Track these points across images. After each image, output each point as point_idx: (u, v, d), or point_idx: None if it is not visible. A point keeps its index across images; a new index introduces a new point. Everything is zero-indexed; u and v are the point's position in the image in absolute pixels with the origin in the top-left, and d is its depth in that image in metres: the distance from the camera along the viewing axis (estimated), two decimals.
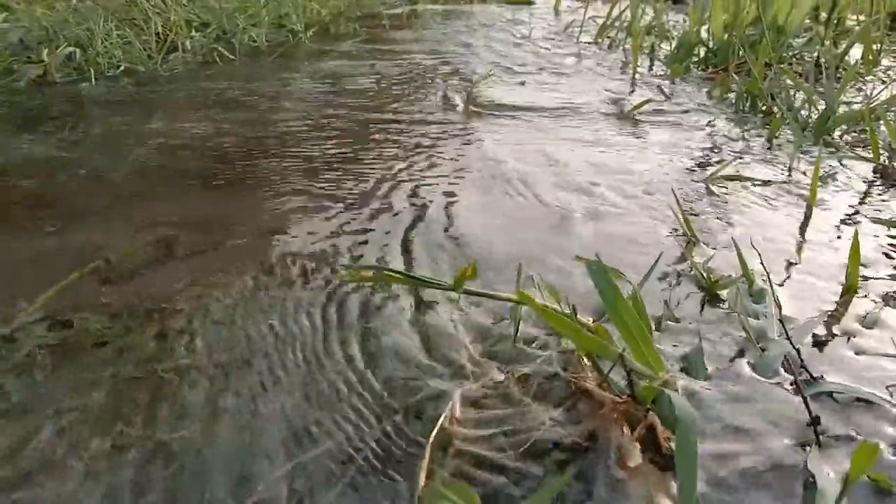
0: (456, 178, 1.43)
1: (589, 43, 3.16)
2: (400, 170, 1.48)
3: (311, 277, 1.02)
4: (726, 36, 2.69)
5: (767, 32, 2.32)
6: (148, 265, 1.06)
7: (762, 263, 0.92)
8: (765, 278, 0.97)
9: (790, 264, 1.07)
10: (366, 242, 1.14)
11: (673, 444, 0.64)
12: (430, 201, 1.31)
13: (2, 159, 1.52)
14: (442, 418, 0.69)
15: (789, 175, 1.47)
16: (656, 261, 0.98)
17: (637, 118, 1.92)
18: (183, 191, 1.36)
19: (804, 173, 1.48)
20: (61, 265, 1.05)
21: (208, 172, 1.45)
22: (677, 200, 1.13)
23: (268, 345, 0.85)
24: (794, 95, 2.01)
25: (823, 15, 3.08)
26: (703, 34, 2.73)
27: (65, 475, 0.65)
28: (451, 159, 1.55)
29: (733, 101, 2.09)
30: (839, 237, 1.18)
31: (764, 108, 2.00)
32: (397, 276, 0.75)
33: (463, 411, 0.71)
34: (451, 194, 1.35)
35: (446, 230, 1.18)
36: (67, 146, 1.61)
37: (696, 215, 1.21)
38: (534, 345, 0.84)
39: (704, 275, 0.97)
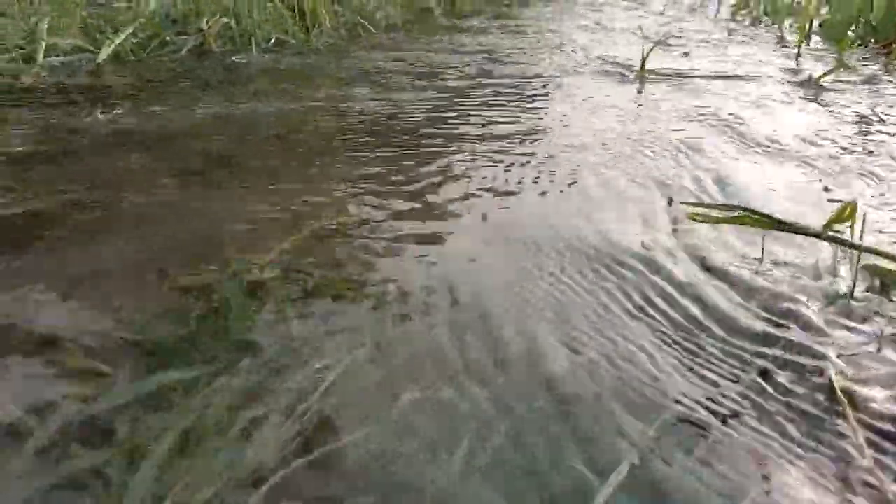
0: (654, 138, 1.37)
1: (727, 19, 3.04)
2: (591, 130, 1.43)
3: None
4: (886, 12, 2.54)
5: None
6: (359, 221, 1.02)
7: None
8: None
9: None
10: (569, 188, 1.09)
11: None
12: (625, 154, 1.24)
13: (188, 124, 1.52)
14: (837, 385, 0.62)
15: None
16: None
17: (823, 86, 1.81)
18: (364, 152, 1.32)
19: None
20: (275, 223, 1.02)
21: (382, 133, 1.42)
22: None
23: (539, 297, 0.81)
24: None
25: None
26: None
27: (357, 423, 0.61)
28: (650, 123, 1.48)
29: None
30: None
31: None
32: (757, 217, 0.68)
33: (852, 375, 0.65)
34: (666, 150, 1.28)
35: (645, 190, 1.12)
36: (246, 111, 1.61)
37: None
38: (869, 303, 0.77)
39: None
